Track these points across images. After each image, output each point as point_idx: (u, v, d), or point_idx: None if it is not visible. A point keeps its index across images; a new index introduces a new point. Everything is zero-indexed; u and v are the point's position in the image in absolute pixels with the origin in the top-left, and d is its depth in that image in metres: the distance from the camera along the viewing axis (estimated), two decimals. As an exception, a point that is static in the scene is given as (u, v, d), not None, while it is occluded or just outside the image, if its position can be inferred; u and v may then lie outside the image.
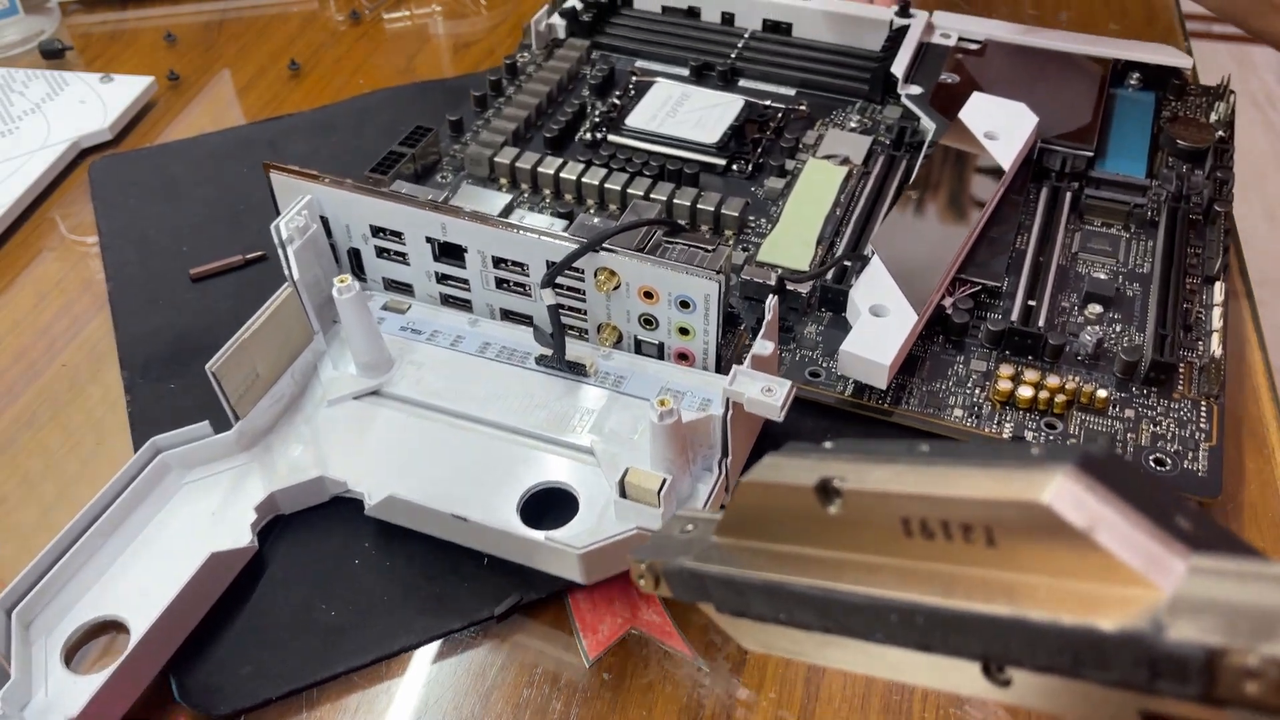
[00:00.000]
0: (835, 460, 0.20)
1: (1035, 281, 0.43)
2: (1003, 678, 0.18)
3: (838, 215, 0.46)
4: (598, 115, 0.53)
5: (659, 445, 0.34)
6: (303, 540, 0.37)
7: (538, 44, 0.59)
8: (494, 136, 0.51)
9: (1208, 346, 0.40)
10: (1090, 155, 0.48)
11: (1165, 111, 0.53)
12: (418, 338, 0.41)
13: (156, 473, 0.36)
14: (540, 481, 0.36)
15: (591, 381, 0.39)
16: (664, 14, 0.61)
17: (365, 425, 0.38)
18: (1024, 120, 0.48)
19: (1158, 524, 0.16)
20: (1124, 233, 0.46)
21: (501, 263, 0.40)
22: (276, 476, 0.37)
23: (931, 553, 0.18)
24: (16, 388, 0.44)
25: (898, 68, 0.53)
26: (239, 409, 0.37)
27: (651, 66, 0.58)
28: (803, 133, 0.52)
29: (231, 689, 0.33)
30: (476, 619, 0.35)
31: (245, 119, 0.60)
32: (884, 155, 0.50)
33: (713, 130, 0.51)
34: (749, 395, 0.33)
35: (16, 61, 0.65)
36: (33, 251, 0.51)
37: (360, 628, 0.34)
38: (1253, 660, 0.13)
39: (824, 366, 0.40)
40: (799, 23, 0.59)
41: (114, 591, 0.34)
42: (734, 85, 0.56)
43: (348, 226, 0.42)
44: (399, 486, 0.36)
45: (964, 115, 0.48)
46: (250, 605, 0.35)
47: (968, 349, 0.41)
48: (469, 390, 0.39)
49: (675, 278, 0.37)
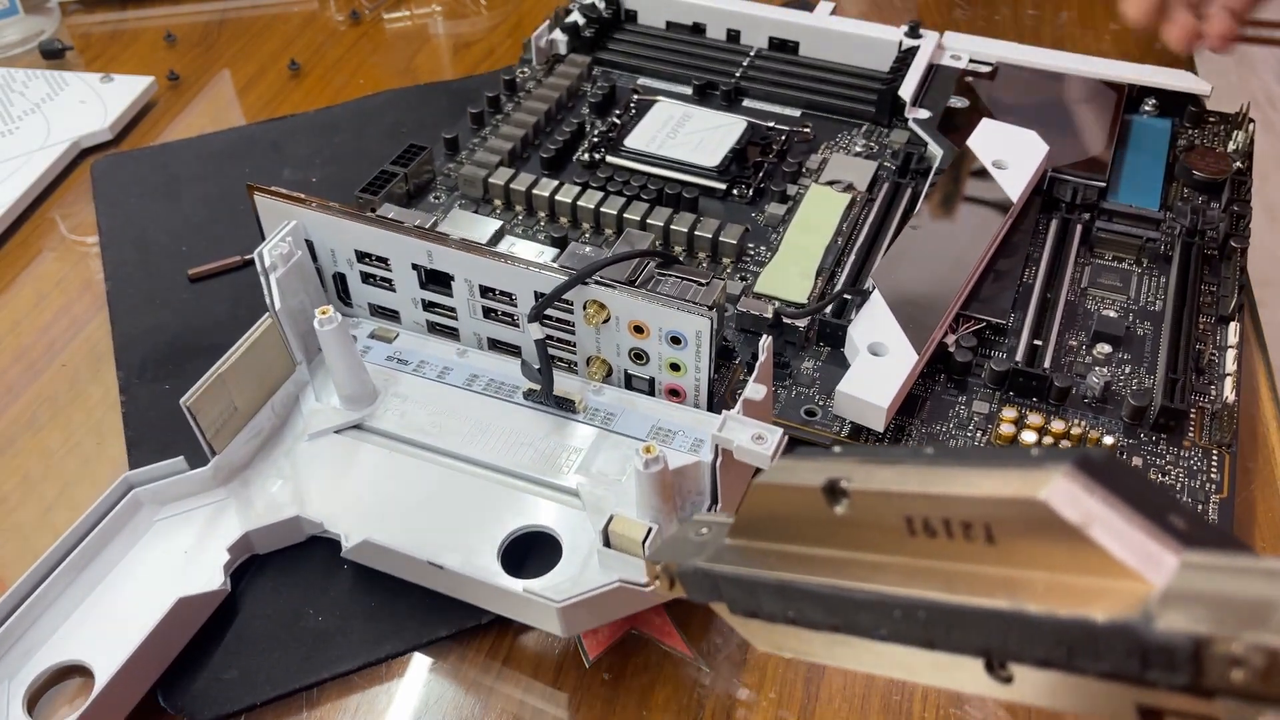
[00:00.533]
0: (842, 462, 0.20)
1: (1042, 319, 0.41)
2: (1004, 674, 0.18)
3: (839, 245, 0.45)
4: (596, 135, 0.52)
5: (644, 493, 0.33)
6: (292, 546, 0.36)
7: (538, 59, 0.57)
8: (489, 156, 0.50)
9: (1220, 391, 0.38)
10: (1102, 186, 0.47)
11: (1181, 140, 0.51)
12: (404, 368, 0.40)
13: (128, 510, 0.35)
14: (523, 525, 0.35)
15: (580, 418, 0.38)
16: (668, 30, 0.60)
17: (346, 461, 0.37)
18: (1034, 149, 0.46)
19: (1151, 521, 0.16)
20: (1135, 268, 0.44)
21: (489, 292, 0.39)
22: (253, 514, 0.36)
23: (934, 551, 0.18)
24: (16, 388, 0.44)
25: (905, 90, 0.52)
26: (215, 444, 0.36)
27: (654, 84, 0.56)
28: (806, 157, 0.51)
29: (217, 694, 0.33)
30: (464, 626, 0.34)
31: (245, 119, 0.59)
32: (889, 182, 0.48)
33: (714, 153, 0.50)
34: (738, 443, 0.31)
35: (16, 61, 0.64)
36: (33, 251, 0.51)
37: (348, 633, 0.34)
38: (1237, 648, 0.14)
39: (820, 404, 0.39)
40: (806, 41, 0.57)
41: (80, 635, 0.33)
42: (738, 105, 0.55)
43: (333, 251, 0.41)
44: (376, 528, 0.34)
45: (972, 142, 0.47)
46: (238, 610, 0.35)
47: (970, 389, 0.39)
48: (454, 426, 0.38)
49: (666, 313, 0.35)
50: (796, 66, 0.56)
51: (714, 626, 0.34)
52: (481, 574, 0.33)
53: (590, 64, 0.57)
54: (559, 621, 0.32)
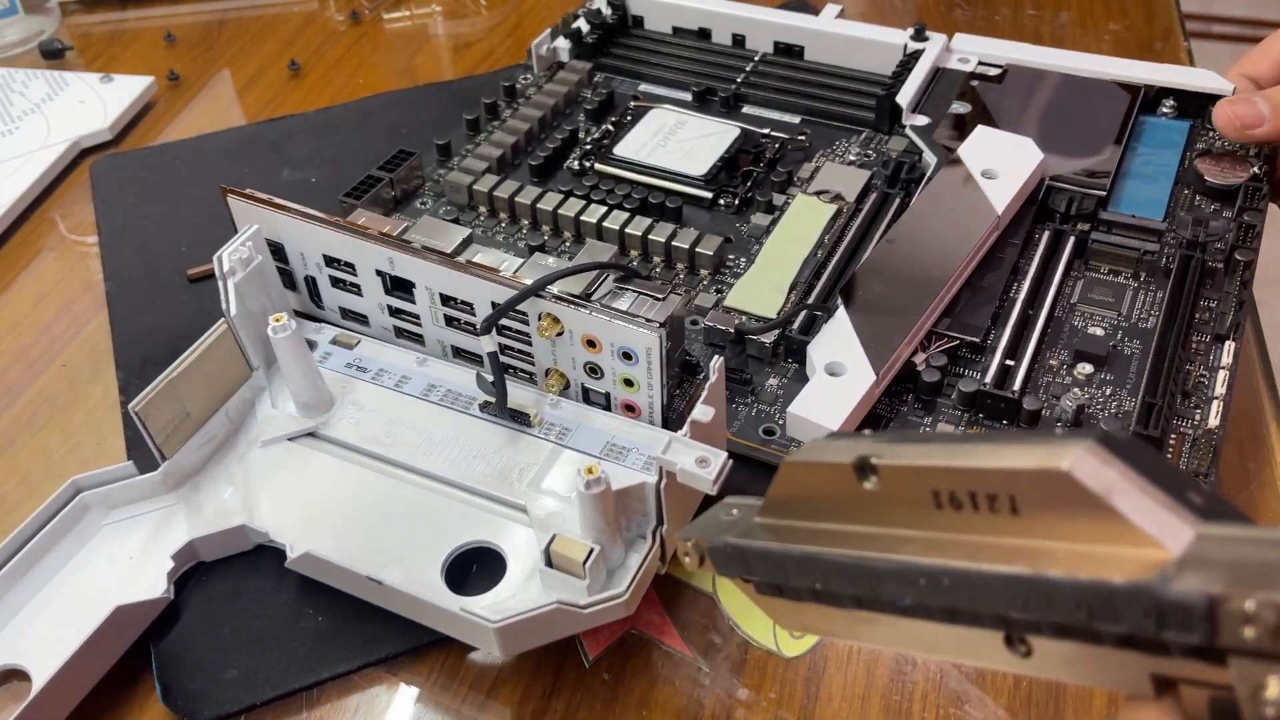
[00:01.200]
0: (872, 441, 0.21)
1: (1020, 337, 0.40)
2: (1023, 649, 0.19)
3: (819, 258, 0.44)
4: (589, 143, 0.51)
5: (587, 513, 0.32)
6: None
7: (539, 67, 0.57)
8: (477, 163, 0.49)
9: (1205, 416, 0.36)
10: (1101, 195, 0.45)
11: (1200, 143, 0.49)
12: (362, 375, 0.40)
13: (75, 513, 0.36)
14: (468, 541, 0.34)
15: (535, 432, 0.37)
16: (675, 35, 0.59)
17: (297, 470, 0.37)
18: (1028, 157, 0.44)
19: (1170, 495, 0.17)
20: (1132, 282, 0.42)
21: (450, 300, 0.38)
22: (201, 521, 0.36)
23: (959, 524, 0.19)
24: (16, 388, 0.44)
25: (904, 96, 0.50)
26: (165, 449, 0.36)
27: (655, 90, 0.56)
28: (798, 165, 0.49)
29: (217, 694, 0.33)
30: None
31: (245, 119, 0.60)
32: (877, 192, 0.47)
33: (702, 161, 0.49)
34: (681, 466, 0.31)
35: (16, 61, 0.65)
36: (33, 251, 0.52)
37: (347, 633, 0.34)
38: (1250, 605, 0.15)
39: (780, 424, 0.38)
40: (811, 46, 0.56)
41: (20, 638, 0.33)
42: (737, 111, 0.54)
43: (303, 255, 0.41)
44: (321, 540, 0.34)
45: (964, 150, 0.45)
46: (237, 610, 0.35)
47: (939, 410, 0.38)
48: (408, 436, 0.37)
49: (615, 328, 0.35)
50: (799, 71, 0.55)
51: (714, 627, 0.34)
52: (421, 590, 0.32)
53: (592, 70, 0.56)
54: (496, 642, 0.31)
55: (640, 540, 0.34)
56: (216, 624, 0.34)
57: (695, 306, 0.43)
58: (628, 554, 0.33)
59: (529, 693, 0.33)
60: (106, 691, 0.33)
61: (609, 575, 0.33)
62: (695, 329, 0.41)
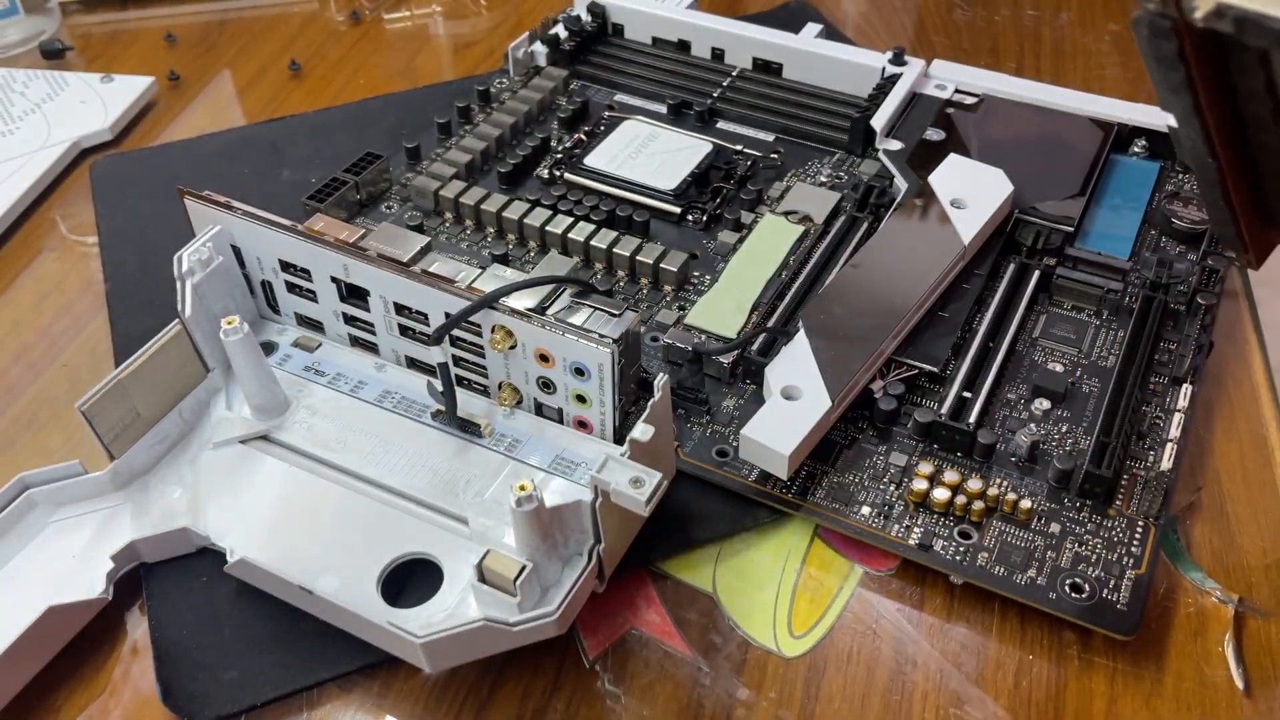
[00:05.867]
0: None
1: (980, 369, 0.39)
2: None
3: (783, 279, 0.43)
4: (560, 151, 0.51)
5: (520, 530, 0.31)
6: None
7: (515, 71, 0.57)
8: (445, 168, 0.49)
9: (1158, 459, 0.36)
10: (1069, 231, 0.45)
11: (1169, 185, 0.49)
12: (319, 379, 0.39)
13: (21, 510, 0.35)
14: (406, 552, 0.34)
15: (485, 443, 0.37)
16: (654, 45, 0.59)
17: (245, 473, 0.37)
18: (998, 188, 0.44)
19: None
20: (1094, 319, 0.42)
21: (404, 309, 0.38)
22: (145, 522, 0.35)
23: None
24: (17, 388, 0.44)
25: (879, 120, 0.50)
26: (114, 449, 0.36)
27: (630, 101, 0.55)
28: (768, 184, 0.49)
29: (217, 694, 0.32)
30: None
31: (245, 119, 0.59)
32: (845, 215, 0.46)
33: (673, 176, 0.48)
34: (615, 486, 0.30)
35: (16, 61, 0.65)
36: (33, 251, 0.51)
37: (347, 635, 0.33)
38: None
39: (734, 446, 0.37)
40: (790, 64, 0.56)
41: (-46, 635, 0.33)
42: (711, 126, 0.53)
43: (259, 259, 0.40)
44: (259, 546, 0.34)
45: (934, 178, 0.45)
46: (237, 611, 0.35)
47: (893, 439, 0.37)
48: (358, 443, 0.37)
49: (568, 343, 0.34)
50: (776, 89, 0.55)
51: (714, 627, 0.34)
52: (350, 601, 0.32)
53: (568, 77, 0.56)
54: (422, 657, 0.31)
55: (576, 558, 0.33)
56: (217, 624, 0.34)
57: (656, 323, 0.42)
58: (564, 572, 0.33)
59: (530, 692, 0.33)
60: (107, 691, 0.33)
61: (543, 593, 0.32)
62: (655, 345, 0.41)
